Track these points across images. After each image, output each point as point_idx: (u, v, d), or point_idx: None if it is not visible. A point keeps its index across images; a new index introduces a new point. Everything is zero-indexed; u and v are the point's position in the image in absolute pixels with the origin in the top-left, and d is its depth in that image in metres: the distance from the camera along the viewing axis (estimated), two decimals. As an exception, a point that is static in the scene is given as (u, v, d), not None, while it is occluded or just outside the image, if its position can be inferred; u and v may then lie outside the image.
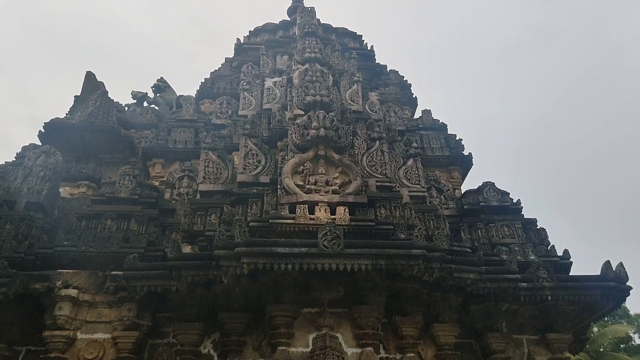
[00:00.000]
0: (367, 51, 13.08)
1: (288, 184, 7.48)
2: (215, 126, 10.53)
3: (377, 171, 8.34)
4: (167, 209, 8.39)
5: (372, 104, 10.75)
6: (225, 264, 6.17)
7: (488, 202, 8.77)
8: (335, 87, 9.91)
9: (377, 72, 12.44)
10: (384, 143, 8.75)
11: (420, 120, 11.05)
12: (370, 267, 6.17)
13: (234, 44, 13.21)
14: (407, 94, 12.08)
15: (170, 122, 10.61)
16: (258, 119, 9.47)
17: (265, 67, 11.70)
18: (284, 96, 10.18)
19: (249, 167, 8.25)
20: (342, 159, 7.89)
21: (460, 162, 10.24)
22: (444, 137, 10.59)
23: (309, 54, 10.21)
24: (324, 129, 7.90)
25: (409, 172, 8.84)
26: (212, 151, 8.62)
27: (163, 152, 10.02)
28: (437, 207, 8.65)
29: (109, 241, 7.22)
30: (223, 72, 12.23)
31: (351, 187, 7.53)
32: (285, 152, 8.18)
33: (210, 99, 11.56)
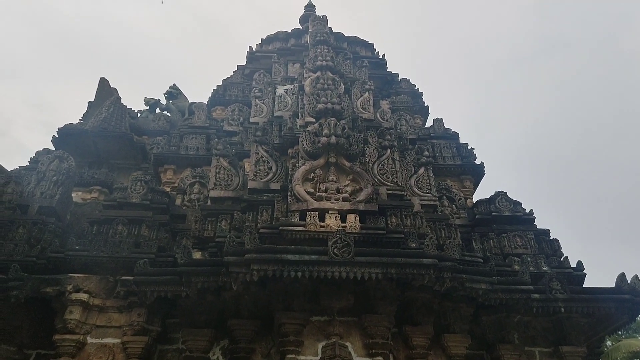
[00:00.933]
0: (378, 60, 13.11)
1: (298, 191, 7.49)
2: (226, 133, 10.60)
3: (388, 179, 8.33)
4: (178, 215, 8.43)
5: (384, 112, 10.76)
6: (235, 270, 6.18)
7: (500, 212, 8.71)
8: (347, 95, 9.94)
9: (389, 80, 12.45)
10: (395, 151, 8.75)
11: (431, 128, 11.03)
12: (380, 275, 6.14)
13: (246, 52, 13.33)
14: (418, 103, 12.07)
15: (182, 128, 10.69)
16: (269, 126, 9.51)
17: (277, 74, 11.77)
18: (295, 104, 10.23)
19: (259, 173, 8.28)
20: (353, 167, 7.89)
21: (472, 171, 10.20)
22: (456, 146, 10.56)
23: (320, 62, 10.27)
24: (335, 136, 7.91)
25: (420, 180, 8.81)
26: (224, 158, 8.67)
27: (175, 159, 10.09)
28: (448, 217, 8.61)
29: (119, 246, 7.26)
30: (235, 79, 12.32)
31: (362, 195, 7.52)
32: (296, 160, 8.20)
33: (222, 106, 11.65)
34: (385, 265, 6.17)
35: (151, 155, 10.48)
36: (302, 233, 6.91)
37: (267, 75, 11.97)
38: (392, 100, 11.74)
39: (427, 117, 12.03)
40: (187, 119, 11.38)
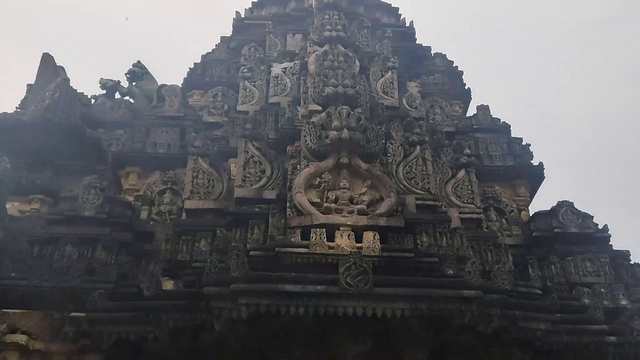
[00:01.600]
0: (405, 28, 13.11)
1: (300, 201, 7.51)
2: (207, 125, 10.61)
3: (418, 185, 8.33)
4: (144, 232, 8.43)
5: (412, 98, 10.75)
6: (218, 305, 6.19)
7: (565, 227, 8.68)
8: (363, 75, 9.96)
9: (419, 55, 12.45)
10: (427, 149, 8.75)
11: (474, 118, 11.02)
12: (407, 312, 6.14)
13: (233, 19, 13.38)
14: (457, 85, 12.07)
15: (150, 119, 10.74)
16: (262, 117, 9.53)
17: (273, 48, 11.80)
18: (296, 87, 10.24)
19: (249, 178, 8.29)
20: (371, 170, 7.91)
21: (527, 175, 10.18)
22: (507, 141, 10.55)
23: (329, 32, 10.29)
24: (347, 129, 7.93)
25: (460, 187, 8.81)
26: (203, 158, 8.70)
27: (139, 159, 10.14)
28: (496, 234, 8.57)
29: (68, 273, 7.28)
30: (218, 55, 12.39)
31: (383, 207, 7.53)
32: (298, 160, 8.21)
33: (200, 89, 11.69)
34: (413, 298, 6.15)
35: (109, 154, 10.51)
36: (305, 256, 6.92)
37: (259, 50, 12.00)
38: (422, 82, 11.73)
39: (469, 103, 12.01)
40: (156, 107, 11.46)
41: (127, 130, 10.69)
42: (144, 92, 13.62)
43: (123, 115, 12.15)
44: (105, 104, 13.19)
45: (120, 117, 12.07)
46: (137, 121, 11.24)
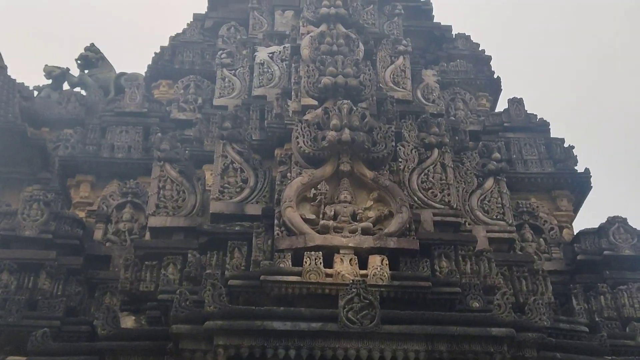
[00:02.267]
0: (420, 3, 13.16)
1: (291, 217, 7.50)
2: (176, 123, 10.62)
3: (436, 198, 8.33)
4: (98, 256, 8.43)
5: (428, 89, 10.77)
6: (189, 347, 6.16)
7: (616, 249, 8.68)
8: (369, 61, 9.96)
9: (437, 37, 12.49)
10: (447, 152, 8.76)
11: (505, 115, 11.05)
12: (423, 355, 6.11)
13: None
14: (484, 73, 12.10)
15: (106, 116, 10.76)
16: (245, 113, 9.53)
17: (257, 28, 11.82)
18: (286, 76, 10.26)
19: (229, 189, 8.29)
20: (378, 179, 7.91)
21: (570, 184, 10.22)
22: (544, 143, 10.58)
23: (327, 8, 10.30)
24: (349, 129, 7.93)
25: (488, 199, 8.81)
26: (171, 164, 8.70)
27: (93, 165, 10.15)
28: (532, 257, 8.56)
29: (4, 307, 7.26)
30: (190, 36, 12.42)
31: (393, 224, 7.52)
32: (288, 167, 8.21)
33: (168, 79, 11.72)
34: (430, 338, 6.14)
35: (55, 158, 10.51)
36: (297, 286, 6.89)
37: (240, 30, 12.02)
38: (441, 70, 11.78)
39: (499, 96, 12.05)
40: (114, 101, 11.47)
41: (78, 130, 10.70)
42: (98, 82, 13.64)
43: (73, 110, 12.16)
44: (51, 97, 13.20)
45: (70, 113, 12.08)
46: (90, 118, 11.28)
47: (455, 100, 11.29)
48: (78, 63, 14.11)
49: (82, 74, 13.98)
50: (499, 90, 12.10)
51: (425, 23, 12.80)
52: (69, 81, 13.95)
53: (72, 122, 11.64)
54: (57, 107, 12.34)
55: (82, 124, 11.11)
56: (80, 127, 10.86)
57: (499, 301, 6.49)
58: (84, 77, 13.85)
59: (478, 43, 12.67)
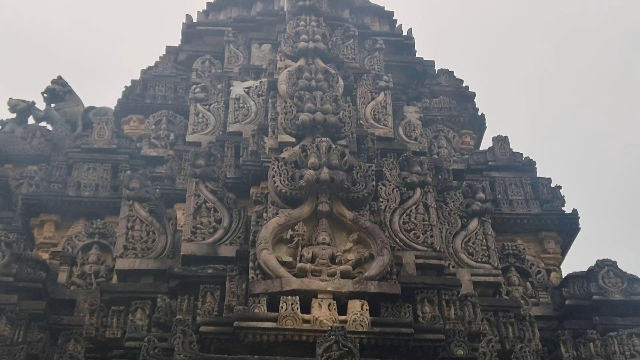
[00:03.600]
0: (401, 38, 13.31)
1: (267, 260, 7.46)
2: (147, 160, 10.61)
3: (418, 239, 8.35)
4: (62, 301, 8.32)
5: (411, 126, 10.84)
6: (158, 398, 6.09)
7: (606, 294, 8.69)
8: (349, 97, 10.06)
9: (419, 73, 12.62)
10: (430, 192, 8.80)
11: (490, 153, 11.13)
12: (405, 406, 6.08)
13: (182, 24, 13.48)
14: (467, 110, 12.21)
15: (72, 152, 10.69)
16: (219, 150, 9.54)
17: (233, 62, 11.88)
18: (262, 112, 10.30)
19: (201, 230, 8.26)
20: (358, 220, 7.91)
21: (558, 226, 10.26)
22: (531, 182, 10.64)
23: (305, 42, 10.41)
24: (328, 168, 7.94)
25: (472, 241, 8.83)
26: (141, 203, 8.65)
27: (58, 204, 10.06)
28: (519, 302, 8.56)
29: (-40, 355, 7.15)
30: (162, 70, 12.44)
31: (374, 268, 7.49)
32: (264, 207, 8.20)
33: (139, 114, 11.73)
34: (412, 388, 6.11)
35: (19, 197, 10.43)
36: (272, 333, 6.84)
37: (215, 64, 12.07)
38: (424, 106, 11.87)
39: (483, 133, 12.14)
40: (81, 136, 11.41)
41: (42, 167, 10.64)
42: (65, 116, 13.58)
43: (38, 146, 12.08)
44: (15, 132, 13.12)
45: (35, 149, 12.00)
46: (56, 155, 11.19)
47: (439, 137, 11.36)
48: (44, 96, 14.05)
49: (48, 107, 13.92)
50: (484, 128, 12.21)
51: (407, 58, 12.94)
52: (34, 115, 13.87)
53: (37, 159, 11.57)
54: (21, 143, 12.25)
55: (48, 160, 11.02)
56: (45, 163, 10.79)
57: (484, 349, 6.50)
58: (51, 111, 13.79)
59: (462, 79, 12.81)
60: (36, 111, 13.90)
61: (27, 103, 13.92)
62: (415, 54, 13.28)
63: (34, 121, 13.78)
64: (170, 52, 12.87)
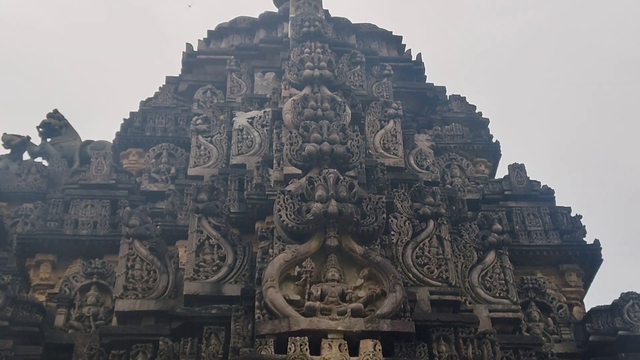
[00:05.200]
0: (411, 63, 13.39)
1: (274, 299, 7.44)
2: (147, 195, 10.66)
3: (433, 274, 8.33)
4: (60, 345, 8.27)
5: (422, 155, 10.87)
6: None
7: (632, 329, 8.61)
8: (357, 126, 10.10)
9: (429, 99, 12.67)
10: (443, 224, 8.79)
11: (506, 182, 11.13)
12: None
13: (182, 53, 13.61)
14: (481, 137, 12.24)
15: (70, 188, 10.72)
16: (222, 183, 9.58)
17: (236, 92, 11.96)
18: (267, 143, 10.36)
19: (204, 268, 8.26)
20: (368, 254, 7.90)
21: (579, 257, 10.21)
22: (549, 212, 10.62)
23: (310, 70, 10.50)
24: (336, 200, 7.96)
25: (489, 275, 8.81)
26: (141, 241, 8.66)
27: (55, 243, 10.06)
28: (540, 339, 8.48)
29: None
30: (162, 101, 12.53)
31: (386, 305, 7.47)
32: (270, 242, 8.20)
33: (139, 147, 11.79)
34: None
35: (14, 236, 10.45)
36: (280, 376, 6.84)
37: (217, 94, 12.16)
38: (435, 134, 11.90)
39: (498, 161, 12.15)
40: (78, 172, 11.45)
41: (38, 204, 10.68)
42: (62, 151, 13.65)
43: (33, 183, 12.14)
44: (9, 168, 13.18)
45: (30, 186, 12.06)
46: (52, 191, 11.24)
47: (452, 166, 11.36)
48: (40, 131, 14.15)
49: (44, 142, 14.01)
50: (498, 156, 12.23)
51: (417, 84, 13.01)
52: (29, 151, 13.95)
53: (33, 196, 11.61)
54: (16, 180, 12.31)
55: (44, 197, 11.05)
56: (41, 201, 10.82)
57: (505, 389, 6.44)
58: (46, 146, 13.87)
59: (474, 105, 12.87)
60: (31, 146, 13.99)
61: (22, 138, 14.01)
62: (425, 80, 13.35)
63: (30, 157, 13.86)
64: (171, 83, 12.97)
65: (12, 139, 13.93)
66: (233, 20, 14.30)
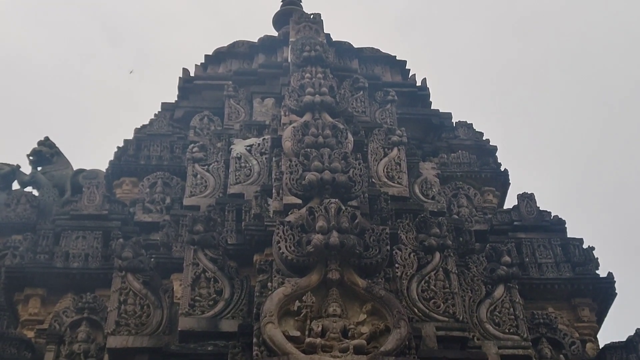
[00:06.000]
0: (415, 89, 13.42)
1: (273, 335, 7.35)
2: (141, 226, 10.63)
3: (439, 309, 8.25)
4: (48, 384, 8.24)
5: (427, 184, 10.83)
6: None
7: (649, 368, 8.58)
8: (359, 154, 10.03)
9: (435, 126, 12.68)
10: (450, 256, 8.72)
11: (515, 212, 11.09)
12: None
13: (179, 79, 13.65)
14: (489, 165, 12.23)
15: (60, 219, 10.70)
16: (219, 214, 9.54)
17: (234, 118, 11.97)
18: (266, 171, 10.33)
19: (200, 302, 8.19)
20: (371, 288, 7.82)
21: (592, 292, 10.16)
22: (561, 243, 10.57)
23: (311, 95, 10.48)
24: (338, 232, 7.89)
25: (498, 310, 8.71)
26: (134, 274, 8.59)
27: (45, 276, 10.01)
28: (552, 380, 8.44)
29: None
30: (158, 128, 12.54)
31: (390, 341, 7.37)
32: (268, 275, 8.13)
33: (133, 176, 11.79)
34: None
35: (2, 269, 10.42)
36: (279, 416, 6.75)
37: (215, 120, 12.16)
38: (441, 162, 11.89)
39: (507, 191, 12.14)
40: (70, 202, 11.46)
41: (28, 236, 10.63)
42: (53, 180, 13.63)
43: (23, 213, 12.12)
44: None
45: (19, 217, 12.05)
46: (42, 222, 11.23)
47: (458, 196, 11.34)
48: (30, 159, 14.14)
49: (34, 171, 13.99)
50: (507, 185, 12.21)
51: (422, 110, 13.03)
52: (19, 180, 13.92)
53: (22, 227, 11.60)
54: (5, 210, 12.29)
55: (34, 228, 11.03)
56: (30, 232, 10.79)
57: None
58: (37, 175, 13.84)
59: (481, 132, 12.91)
60: (21, 175, 13.97)
61: (12, 167, 13.99)
62: (430, 106, 13.39)
63: (19, 186, 13.85)
64: (166, 109, 13.00)
65: (1, 167, 13.92)
66: (231, 44, 14.36)
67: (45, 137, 14.30)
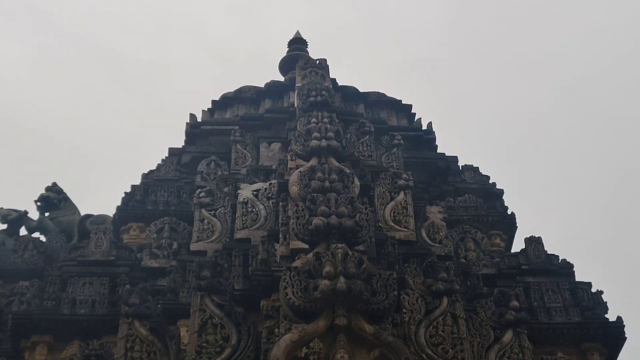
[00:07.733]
0: (421, 132, 13.49)
1: (280, 382, 7.36)
2: (148, 272, 10.63)
3: (447, 355, 8.19)
4: None
5: (434, 228, 10.84)
6: None
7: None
8: (366, 198, 10.11)
9: (441, 169, 12.71)
10: (458, 301, 8.70)
11: (522, 256, 11.04)
12: None
13: (186, 124, 13.74)
14: (496, 209, 12.23)
15: (67, 265, 10.69)
16: (226, 259, 9.56)
17: (240, 163, 12.03)
18: (272, 216, 10.36)
19: (207, 349, 8.14)
20: (379, 334, 7.82)
21: (602, 336, 10.04)
22: (569, 287, 10.50)
23: (317, 140, 10.55)
24: (345, 277, 7.90)
25: (507, 355, 8.63)
26: (141, 320, 8.59)
27: (51, 323, 9.96)
28: None
29: None
30: (165, 173, 12.60)
31: (399, 388, 7.38)
32: (275, 321, 8.13)
33: (140, 221, 11.81)
34: None
35: (8, 315, 10.37)
36: None
37: (222, 165, 12.23)
38: (448, 205, 11.90)
39: (514, 234, 12.12)
40: (77, 248, 11.45)
41: (35, 283, 10.61)
42: (60, 225, 13.67)
43: (30, 259, 12.11)
44: (5, 244, 13.16)
45: (27, 263, 12.03)
46: (49, 268, 11.18)
47: (465, 239, 11.34)
48: (37, 205, 14.19)
49: (42, 217, 14.04)
50: (514, 228, 12.20)
51: (428, 154, 13.07)
52: (26, 226, 13.95)
53: (29, 273, 11.57)
54: (12, 256, 12.28)
55: (41, 275, 11.01)
56: (38, 279, 10.77)
57: None
58: (44, 220, 13.89)
59: (488, 175, 12.91)
60: (29, 221, 14.00)
61: (19, 213, 14.03)
62: (436, 149, 13.44)
63: (27, 232, 13.86)
64: (173, 154, 13.07)
65: (9, 213, 13.95)
66: (238, 89, 14.47)
67: (52, 183, 14.37)
